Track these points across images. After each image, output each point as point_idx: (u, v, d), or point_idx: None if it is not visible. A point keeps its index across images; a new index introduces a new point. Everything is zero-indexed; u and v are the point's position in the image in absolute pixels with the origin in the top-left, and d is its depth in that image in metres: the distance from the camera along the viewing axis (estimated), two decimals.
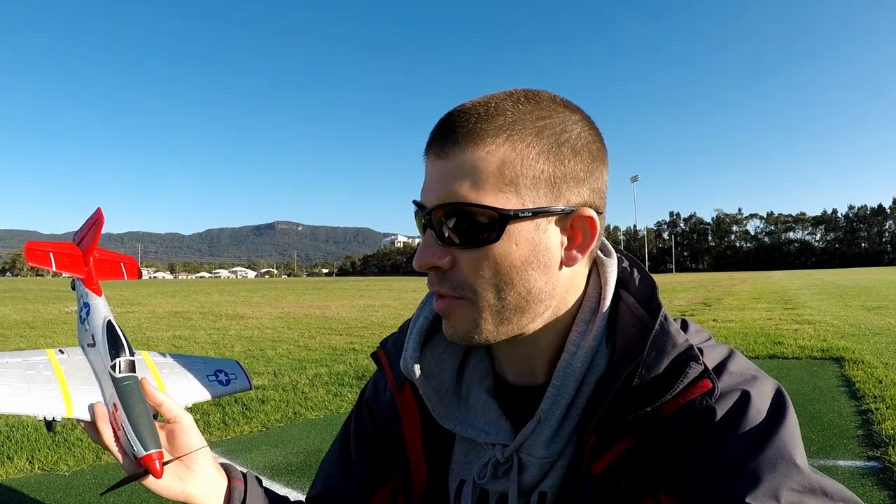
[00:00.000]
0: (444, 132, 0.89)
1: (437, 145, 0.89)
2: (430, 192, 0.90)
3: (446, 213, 0.87)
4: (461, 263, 0.89)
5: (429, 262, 0.90)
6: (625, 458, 0.87)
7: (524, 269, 0.88)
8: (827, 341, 11.34)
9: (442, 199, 0.88)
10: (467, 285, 0.89)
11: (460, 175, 0.86)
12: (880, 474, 4.64)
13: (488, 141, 0.86)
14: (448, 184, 0.87)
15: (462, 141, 0.86)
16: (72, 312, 23.06)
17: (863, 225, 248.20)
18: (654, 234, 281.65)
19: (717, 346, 0.95)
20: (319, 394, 8.15)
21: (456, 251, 0.89)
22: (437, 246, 0.89)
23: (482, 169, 0.85)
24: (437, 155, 0.89)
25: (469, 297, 0.90)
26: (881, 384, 7.53)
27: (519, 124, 0.87)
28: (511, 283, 0.88)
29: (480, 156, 0.86)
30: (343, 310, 24.08)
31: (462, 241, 0.87)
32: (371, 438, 1.17)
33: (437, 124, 0.91)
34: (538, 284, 0.90)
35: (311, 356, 11.69)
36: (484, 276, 0.88)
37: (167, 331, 16.45)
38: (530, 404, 0.96)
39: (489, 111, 0.87)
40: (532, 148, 0.87)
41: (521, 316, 0.91)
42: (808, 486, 0.77)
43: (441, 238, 0.89)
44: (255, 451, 5.87)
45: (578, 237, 0.91)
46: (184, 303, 30.41)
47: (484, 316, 0.90)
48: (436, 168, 0.89)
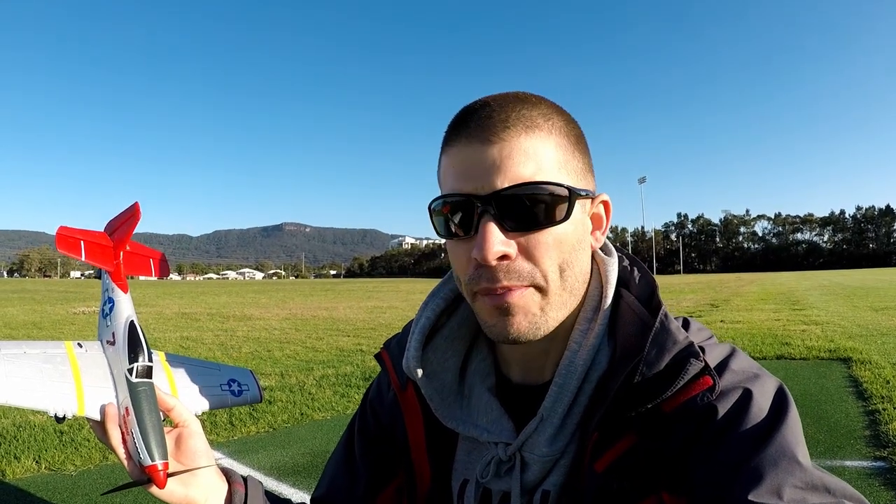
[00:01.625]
0: (487, 118, 0.87)
1: (482, 130, 0.86)
2: (486, 178, 0.86)
3: (515, 195, 0.85)
4: (529, 248, 0.87)
5: (500, 251, 0.85)
6: (627, 455, 0.87)
7: (579, 249, 0.91)
8: (834, 342, 11.31)
9: (509, 181, 0.85)
10: (537, 271, 0.87)
11: (522, 157, 0.85)
12: (887, 474, 4.63)
13: (541, 126, 0.87)
14: (508, 166, 0.85)
15: (515, 126, 0.86)
16: (79, 313, 23.16)
17: (871, 226, 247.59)
18: (662, 236, 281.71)
19: (719, 345, 0.95)
20: (326, 395, 8.17)
21: (524, 236, 0.86)
22: (501, 234, 0.86)
23: (542, 152, 0.86)
24: (486, 140, 0.86)
25: (539, 284, 0.88)
26: (889, 385, 7.51)
27: (554, 116, 0.90)
28: (571, 264, 0.90)
29: (538, 140, 0.86)
30: (350, 311, 24.11)
31: (532, 223, 0.86)
32: (375, 439, 1.17)
33: (468, 113, 0.90)
34: (584, 265, 0.94)
35: (319, 357, 11.71)
36: (553, 257, 0.87)
37: (175, 332, 16.49)
38: (532, 403, 0.97)
39: (525, 101, 0.89)
40: (568, 137, 0.90)
41: (574, 298, 0.94)
42: (810, 482, 0.77)
43: (506, 223, 0.86)
44: (262, 451, 5.88)
45: (600, 221, 0.97)
46: (191, 304, 30.48)
47: (552, 301, 0.90)
48: (486, 153, 0.86)
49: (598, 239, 0.98)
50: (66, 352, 1.12)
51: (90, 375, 1.10)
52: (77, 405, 1.04)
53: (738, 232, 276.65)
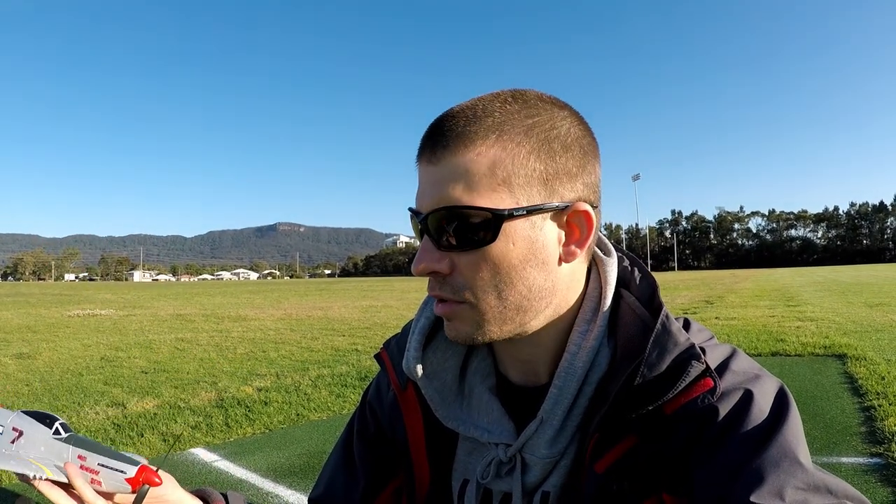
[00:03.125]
0: (433, 138, 0.89)
1: (427, 151, 0.89)
2: (425, 198, 0.89)
3: (441, 216, 0.87)
4: (460, 267, 0.88)
5: (427, 268, 0.89)
6: (627, 457, 0.87)
7: (523, 268, 0.88)
8: (829, 338, 11.37)
9: (436, 204, 0.87)
10: (467, 288, 0.89)
11: (452, 178, 0.86)
12: (883, 471, 4.65)
13: (478, 143, 0.86)
14: (441, 188, 0.87)
15: (452, 145, 0.86)
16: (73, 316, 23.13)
17: (864, 222, 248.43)
18: (657, 233, 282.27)
19: (720, 346, 0.95)
20: (322, 395, 8.17)
21: (453, 255, 0.88)
22: (435, 251, 0.89)
23: (474, 171, 0.85)
24: (429, 160, 0.89)
25: (470, 301, 0.89)
26: (884, 381, 7.55)
27: (508, 124, 0.87)
28: (511, 283, 0.88)
29: (471, 158, 0.85)
30: (345, 311, 24.14)
31: (459, 244, 0.87)
32: (374, 439, 1.16)
33: (426, 130, 0.91)
34: (538, 282, 0.90)
35: (314, 357, 11.72)
36: (483, 277, 0.87)
37: (170, 333, 16.49)
38: (533, 404, 0.96)
39: (477, 113, 0.88)
40: (522, 146, 0.87)
41: (524, 314, 0.91)
42: (812, 483, 0.77)
43: (437, 243, 0.88)
44: (258, 452, 5.88)
45: (575, 232, 0.91)
46: (186, 305, 30.48)
47: (486, 318, 0.90)
48: (428, 173, 0.89)
49: (573, 252, 0.92)
50: None
51: None
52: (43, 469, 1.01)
53: (733, 229, 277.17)
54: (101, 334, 16.91)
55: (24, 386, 9.65)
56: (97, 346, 14.35)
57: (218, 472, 5.47)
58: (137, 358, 12.37)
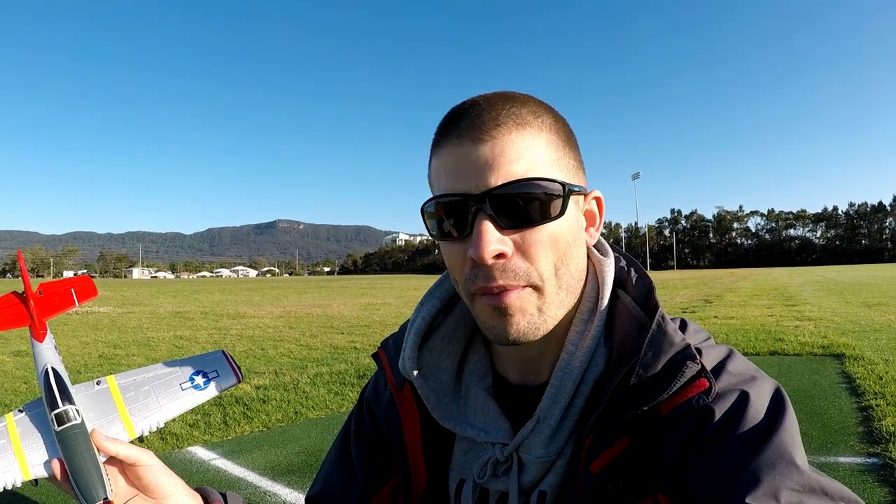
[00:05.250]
0: (477, 117, 0.86)
1: (473, 130, 0.86)
2: (479, 177, 0.85)
3: (510, 193, 0.84)
4: (524, 246, 0.86)
5: (496, 249, 0.84)
6: (623, 457, 0.87)
7: (574, 246, 0.91)
8: (827, 338, 11.37)
9: (502, 179, 0.84)
10: (532, 269, 0.87)
11: (514, 155, 0.85)
12: (881, 471, 4.65)
13: (532, 122, 0.87)
14: (501, 164, 0.84)
15: (506, 123, 0.86)
16: (71, 313, 23.11)
17: (863, 222, 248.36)
18: (656, 232, 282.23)
19: (717, 347, 0.95)
20: (321, 393, 8.17)
21: (518, 234, 0.86)
22: (496, 232, 0.85)
23: (534, 149, 0.86)
24: (478, 139, 0.85)
25: (535, 283, 0.87)
26: (882, 381, 7.55)
27: (543, 113, 0.90)
28: (566, 262, 0.90)
29: (528, 137, 0.86)
30: (344, 308, 24.14)
31: (526, 220, 0.85)
32: (371, 438, 1.16)
33: (457, 113, 0.89)
34: (579, 262, 0.93)
35: (313, 355, 11.72)
36: (548, 255, 0.87)
37: (168, 331, 16.48)
38: (529, 404, 0.96)
39: (514, 100, 0.89)
40: (559, 134, 0.90)
41: (572, 297, 0.93)
42: (807, 485, 0.77)
43: (501, 221, 0.85)
44: (256, 451, 5.88)
45: (594, 217, 0.97)
46: (185, 302, 30.46)
47: (549, 301, 0.89)
48: (478, 151, 0.85)
49: (593, 236, 0.98)
50: (6, 424, 1.09)
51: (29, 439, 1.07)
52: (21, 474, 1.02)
53: (732, 228, 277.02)
54: (100, 332, 16.91)
55: (23, 384, 9.64)
56: (95, 343, 14.34)
57: (216, 471, 5.46)
58: (136, 356, 12.36)
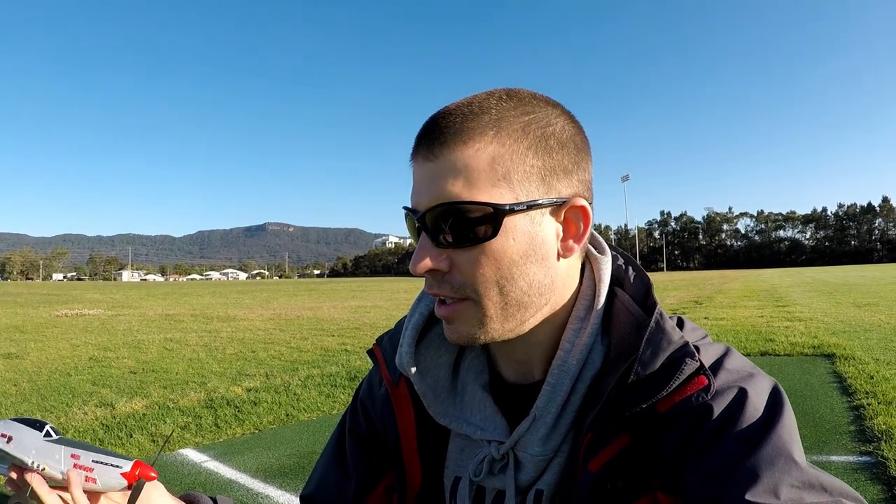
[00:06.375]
0: (430, 134, 0.88)
1: (424, 148, 0.88)
2: (422, 195, 0.88)
3: (440, 213, 0.85)
4: (460, 263, 0.87)
5: (426, 266, 0.88)
6: (621, 455, 0.87)
7: (523, 264, 0.88)
8: (818, 338, 11.43)
9: (435, 200, 0.86)
10: (468, 285, 0.88)
11: (451, 174, 0.85)
12: (873, 469, 4.67)
13: (477, 138, 0.86)
14: (439, 184, 0.86)
15: (450, 140, 0.86)
16: (61, 316, 23.03)
17: (852, 223, 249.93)
18: (645, 234, 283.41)
19: (714, 344, 0.95)
20: (312, 395, 8.16)
21: (453, 252, 0.87)
22: (433, 248, 0.88)
23: (473, 166, 0.85)
24: (426, 157, 0.87)
25: (472, 298, 0.88)
26: (872, 380, 7.60)
27: (505, 121, 0.87)
28: (512, 279, 0.88)
29: (470, 154, 0.85)
30: (335, 311, 24.11)
31: (459, 240, 0.86)
32: (366, 436, 1.16)
33: (422, 128, 0.90)
34: (538, 277, 0.90)
35: (303, 357, 11.71)
36: (485, 273, 0.87)
37: (158, 333, 16.43)
38: (526, 401, 0.96)
39: (473, 110, 0.87)
40: (520, 143, 0.87)
41: (525, 311, 0.91)
42: (806, 481, 0.77)
43: (436, 240, 0.87)
44: (248, 453, 5.86)
45: (573, 228, 0.92)
46: (175, 305, 30.37)
47: (489, 314, 0.89)
48: (425, 170, 0.88)
49: (570, 247, 0.93)
50: None
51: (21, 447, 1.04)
52: None
53: (721, 229, 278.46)
54: (90, 334, 16.81)
55: (12, 386, 9.58)
56: (85, 346, 14.26)
57: (207, 473, 5.44)
58: (126, 358, 12.30)
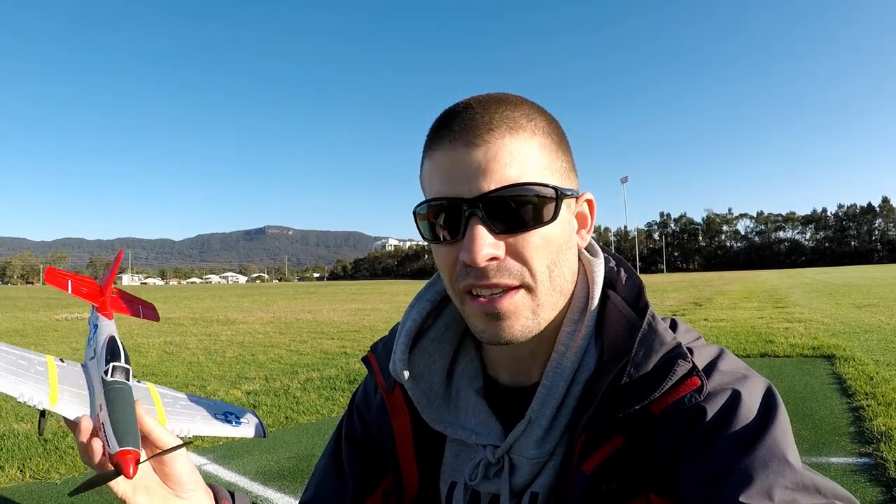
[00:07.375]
0: (470, 120, 0.86)
1: (466, 133, 0.86)
2: (472, 181, 0.85)
3: (504, 197, 0.84)
4: (518, 249, 0.86)
5: (489, 253, 0.85)
6: (615, 457, 0.87)
7: (566, 248, 0.91)
8: (818, 339, 11.41)
9: (496, 183, 0.84)
10: (526, 270, 0.87)
11: (507, 159, 0.84)
12: (872, 470, 4.66)
13: (525, 126, 0.87)
14: (494, 168, 0.84)
15: (499, 128, 0.85)
16: (62, 320, 23.01)
17: (852, 224, 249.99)
18: (645, 235, 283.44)
19: (708, 346, 0.95)
20: (311, 398, 8.15)
21: (512, 237, 0.86)
22: (489, 235, 0.85)
23: (527, 153, 0.86)
24: (469, 143, 0.85)
25: (527, 284, 0.88)
26: (872, 381, 7.58)
27: (537, 116, 0.90)
28: (559, 263, 0.90)
29: (522, 141, 0.86)
30: (334, 314, 24.10)
31: (519, 224, 0.85)
32: (362, 442, 1.16)
33: (448, 116, 0.89)
34: (571, 264, 0.94)
35: (303, 360, 11.69)
36: (541, 258, 0.87)
37: (158, 337, 16.39)
38: (520, 405, 0.96)
39: (507, 103, 0.89)
40: (551, 137, 0.90)
41: (563, 298, 0.94)
42: (800, 483, 0.77)
43: (495, 225, 0.85)
44: (247, 456, 5.86)
45: (585, 220, 0.97)
46: (175, 309, 30.33)
47: (542, 302, 0.90)
48: (471, 155, 0.85)
49: (584, 238, 0.98)
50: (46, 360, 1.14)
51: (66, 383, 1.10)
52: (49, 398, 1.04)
53: (721, 231, 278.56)
54: None
55: None
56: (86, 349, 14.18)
57: (207, 476, 5.41)
58: None
